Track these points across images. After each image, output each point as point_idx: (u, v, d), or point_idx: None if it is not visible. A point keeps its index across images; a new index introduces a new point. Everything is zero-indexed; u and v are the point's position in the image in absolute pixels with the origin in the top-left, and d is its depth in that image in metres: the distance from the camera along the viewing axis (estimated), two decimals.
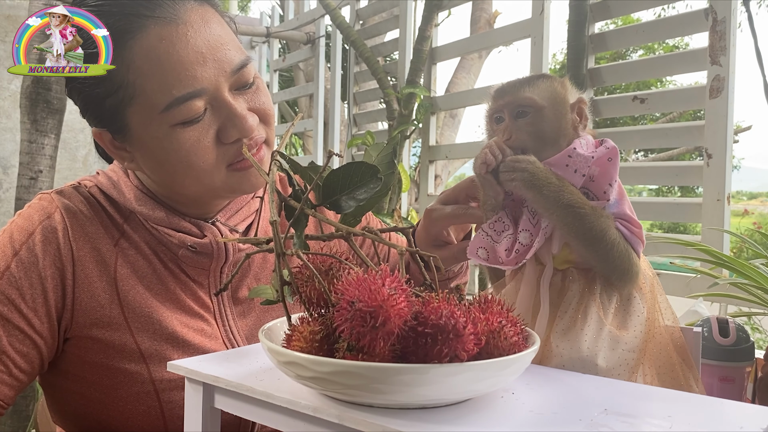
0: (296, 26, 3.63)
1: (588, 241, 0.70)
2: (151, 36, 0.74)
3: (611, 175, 0.72)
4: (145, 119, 0.76)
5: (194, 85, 0.74)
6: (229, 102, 0.77)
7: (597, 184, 0.72)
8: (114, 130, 0.79)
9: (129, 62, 0.74)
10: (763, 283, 1.05)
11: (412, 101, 2.52)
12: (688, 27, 1.71)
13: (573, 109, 0.76)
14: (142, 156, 0.80)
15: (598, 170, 0.72)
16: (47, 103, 1.89)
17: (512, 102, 0.76)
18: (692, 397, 0.60)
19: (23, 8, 3.11)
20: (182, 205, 0.85)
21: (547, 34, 2.03)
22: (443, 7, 2.53)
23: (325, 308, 0.56)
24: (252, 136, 0.79)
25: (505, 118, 0.76)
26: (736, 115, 1.56)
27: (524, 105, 0.75)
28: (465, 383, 0.50)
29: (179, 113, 0.74)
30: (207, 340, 0.82)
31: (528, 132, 0.75)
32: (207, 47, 0.76)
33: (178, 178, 0.79)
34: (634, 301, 0.72)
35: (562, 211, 0.69)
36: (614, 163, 0.72)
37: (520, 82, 0.78)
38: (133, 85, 0.75)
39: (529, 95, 0.75)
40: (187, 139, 0.76)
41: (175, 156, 0.76)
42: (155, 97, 0.74)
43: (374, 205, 0.66)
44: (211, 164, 0.77)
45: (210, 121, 0.77)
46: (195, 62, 0.75)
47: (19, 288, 0.76)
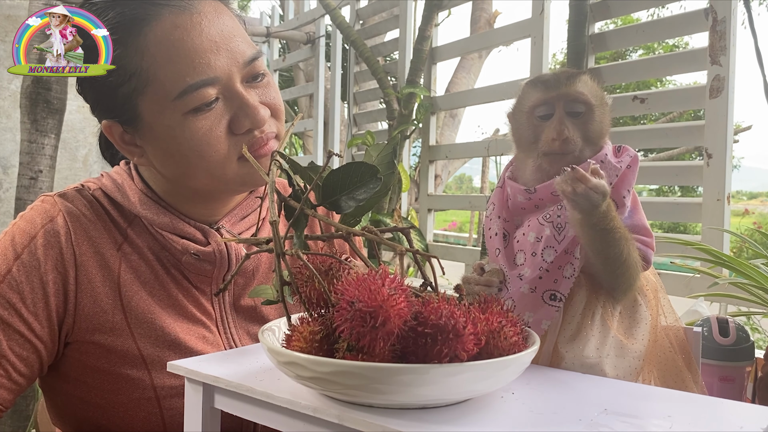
0: (296, 26, 3.63)
1: (613, 264, 0.68)
2: (166, 24, 0.75)
3: (630, 182, 0.70)
4: (158, 107, 0.76)
5: (207, 72, 0.75)
6: (241, 92, 0.78)
7: (616, 191, 0.70)
8: (125, 121, 0.79)
9: (143, 50, 0.75)
10: (763, 282, 1.05)
11: (412, 101, 2.52)
12: (688, 27, 1.71)
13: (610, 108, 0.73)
14: (153, 148, 0.80)
15: (617, 177, 0.70)
16: (47, 103, 1.89)
17: (566, 96, 0.70)
18: (692, 397, 0.60)
19: (23, 8, 3.10)
20: (189, 204, 0.85)
21: (547, 34, 2.03)
22: (443, 7, 2.53)
23: (325, 308, 0.56)
24: (263, 128, 0.79)
25: (554, 114, 0.71)
26: (736, 115, 1.56)
27: (579, 101, 0.70)
28: (465, 383, 0.50)
29: (192, 100, 0.75)
30: (209, 347, 0.82)
31: (580, 132, 0.70)
32: (220, 37, 0.77)
33: (189, 170, 0.79)
34: (640, 308, 0.72)
35: (601, 236, 0.65)
36: (633, 171, 0.70)
37: (569, 75, 0.72)
38: (146, 73, 0.75)
39: (582, 90, 0.70)
40: (200, 128, 0.76)
41: (188, 145, 0.76)
42: (168, 84, 0.75)
43: (374, 205, 0.66)
44: (223, 155, 0.77)
45: (222, 111, 0.77)
46: (209, 50, 0.75)
47: (20, 292, 0.76)
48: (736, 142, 6.44)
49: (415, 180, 3.06)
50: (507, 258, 0.73)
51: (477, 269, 0.74)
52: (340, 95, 3.44)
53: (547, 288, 0.69)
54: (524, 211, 0.74)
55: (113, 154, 0.96)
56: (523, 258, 0.71)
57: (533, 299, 0.69)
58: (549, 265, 0.69)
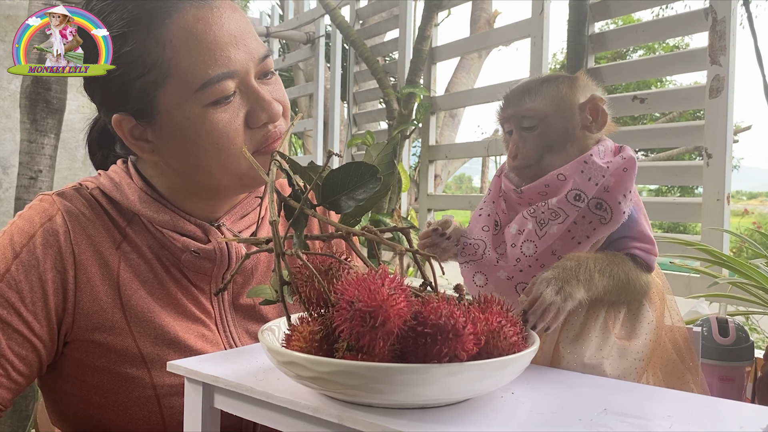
0: (296, 26, 3.63)
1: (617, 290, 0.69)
2: (188, 16, 0.76)
3: (626, 186, 0.69)
4: (178, 99, 0.76)
5: (228, 66, 0.77)
6: (256, 87, 0.80)
7: (611, 195, 0.69)
8: (139, 114, 0.79)
9: (165, 41, 0.76)
10: (763, 282, 1.05)
11: (412, 101, 2.52)
12: (688, 27, 1.71)
13: (584, 108, 0.73)
14: (168, 141, 0.80)
15: (614, 180, 0.69)
16: (47, 103, 1.89)
17: (515, 115, 0.74)
18: (692, 396, 0.60)
19: (23, 8, 3.10)
20: (191, 201, 0.85)
21: (547, 34, 2.03)
22: (443, 7, 2.53)
23: (325, 308, 0.56)
24: (276, 123, 0.81)
25: (513, 131, 0.74)
26: (735, 114, 1.56)
27: (528, 116, 0.73)
28: (464, 383, 0.50)
29: (213, 92, 0.76)
30: (208, 345, 0.82)
31: (535, 145, 0.73)
32: (238, 32, 0.79)
33: (205, 163, 0.79)
34: (643, 309, 0.72)
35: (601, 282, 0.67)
36: (630, 174, 0.69)
37: (522, 90, 0.75)
38: (168, 64, 0.76)
39: (530, 106, 0.73)
40: (220, 120, 0.77)
41: (207, 138, 0.77)
42: (190, 76, 0.76)
43: (374, 205, 0.66)
44: (240, 148, 0.78)
45: (240, 105, 0.79)
46: (229, 44, 0.77)
47: (19, 291, 0.76)
48: (736, 142, 6.44)
49: (415, 180, 3.06)
50: (493, 243, 0.74)
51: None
52: (339, 95, 3.44)
53: (523, 281, 0.71)
54: (519, 206, 0.75)
55: (104, 156, 0.96)
56: (505, 248, 0.72)
57: (507, 286, 0.72)
58: (529, 259, 0.70)
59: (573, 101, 0.73)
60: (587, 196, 0.68)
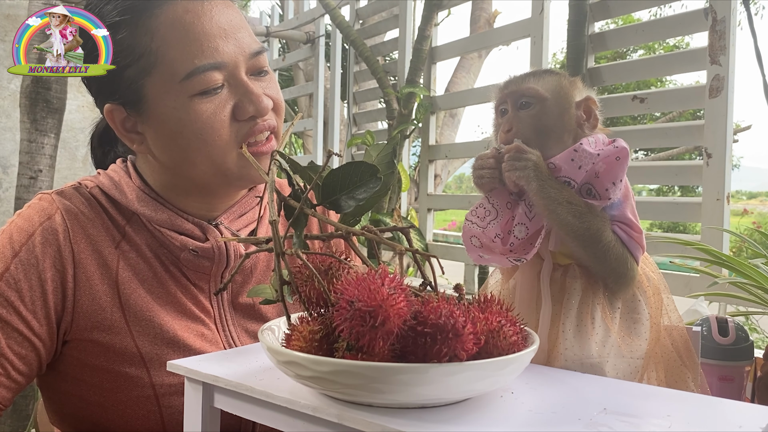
0: (296, 25, 3.63)
1: (583, 240, 0.69)
2: (178, 7, 0.77)
3: (616, 174, 0.70)
4: (164, 88, 0.77)
5: (215, 57, 0.77)
6: (245, 81, 0.80)
7: (600, 181, 0.70)
8: (128, 104, 0.80)
9: (154, 30, 0.76)
10: (763, 282, 1.05)
11: (412, 101, 2.52)
12: (687, 27, 1.71)
13: (579, 106, 0.75)
14: (155, 133, 0.80)
15: (604, 167, 0.70)
16: (47, 103, 1.89)
17: (516, 92, 0.76)
18: (691, 396, 0.60)
19: (23, 8, 3.10)
20: (188, 200, 0.85)
21: (547, 33, 2.03)
22: (443, 7, 2.53)
23: (325, 308, 0.57)
24: (265, 117, 0.81)
25: (509, 110, 0.76)
26: (735, 114, 1.56)
27: (527, 95, 0.75)
28: (464, 383, 0.50)
29: (198, 83, 0.76)
30: (207, 344, 0.82)
31: (530, 124, 0.74)
32: (229, 26, 0.79)
33: (190, 155, 0.79)
34: (639, 306, 0.72)
35: (562, 208, 0.69)
36: (622, 163, 0.70)
37: (526, 74, 0.78)
38: (155, 54, 0.76)
39: (532, 86, 0.75)
40: (204, 111, 0.77)
41: (191, 129, 0.77)
42: (176, 66, 0.76)
43: (374, 204, 0.66)
44: (225, 141, 0.78)
45: (227, 97, 0.79)
46: (218, 36, 0.78)
47: (18, 290, 0.76)
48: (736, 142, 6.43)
49: (415, 180, 3.06)
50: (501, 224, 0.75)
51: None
52: (339, 95, 3.44)
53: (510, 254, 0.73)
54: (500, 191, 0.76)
55: (105, 153, 0.96)
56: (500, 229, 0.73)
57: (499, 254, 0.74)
58: (521, 242, 0.71)
59: (571, 96, 0.76)
60: (577, 182, 0.70)
